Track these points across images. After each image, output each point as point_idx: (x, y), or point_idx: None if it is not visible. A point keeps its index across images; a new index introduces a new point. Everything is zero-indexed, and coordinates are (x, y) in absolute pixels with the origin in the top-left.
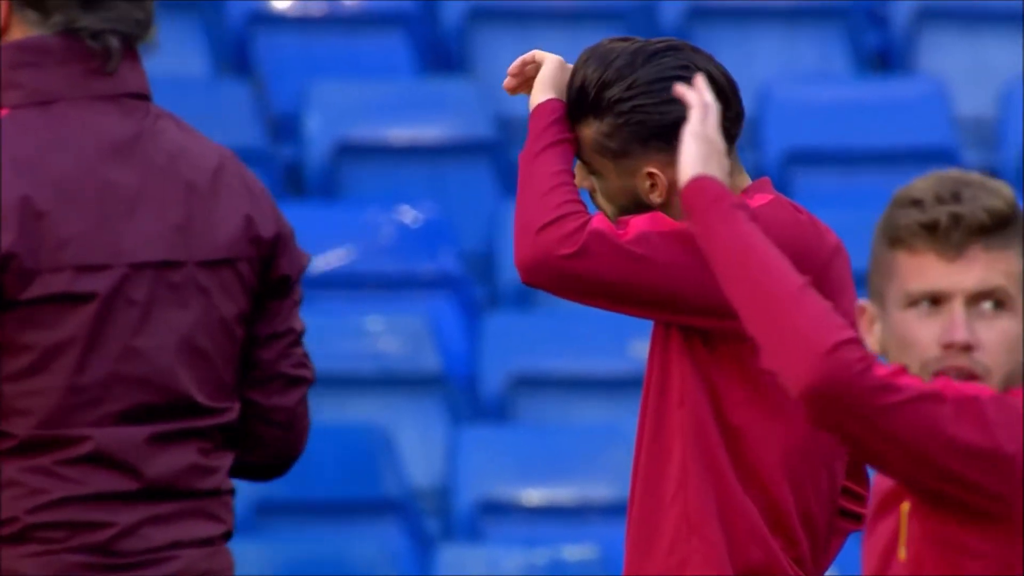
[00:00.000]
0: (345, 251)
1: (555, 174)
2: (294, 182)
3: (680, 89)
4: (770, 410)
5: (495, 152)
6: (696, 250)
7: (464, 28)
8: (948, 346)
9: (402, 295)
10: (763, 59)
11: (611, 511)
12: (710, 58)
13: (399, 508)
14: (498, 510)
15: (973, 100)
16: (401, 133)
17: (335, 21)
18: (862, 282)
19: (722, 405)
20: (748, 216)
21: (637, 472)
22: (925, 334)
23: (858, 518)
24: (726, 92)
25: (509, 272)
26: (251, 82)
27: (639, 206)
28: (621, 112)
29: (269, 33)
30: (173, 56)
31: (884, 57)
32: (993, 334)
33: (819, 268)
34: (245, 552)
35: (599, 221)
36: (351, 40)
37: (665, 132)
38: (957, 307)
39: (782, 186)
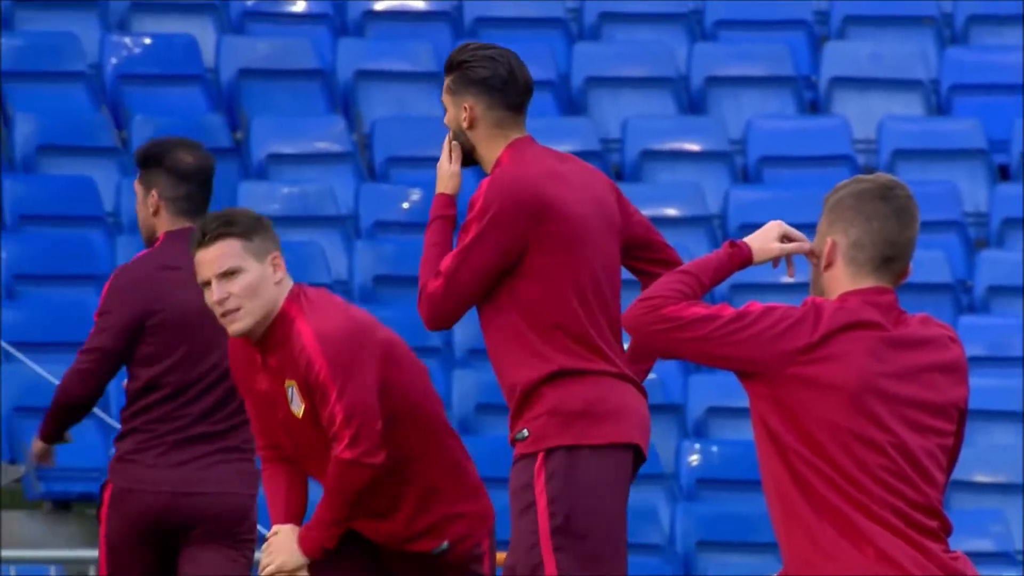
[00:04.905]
0: None
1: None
2: None
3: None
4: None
5: (600, 160)
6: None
7: (583, 88)
8: None
9: None
10: (749, 106)
11: None
12: (518, 57)
13: None
14: None
15: (863, 130)
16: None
17: None
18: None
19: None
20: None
21: None
22: None
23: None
24: (516, 74)
25: None
26: None
27: (462, 132)
28: (461, 68)
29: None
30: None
31: (814, 105)
32: None
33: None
34: None
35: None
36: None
37: (479, 83)
38: None
39: (759, 180)
